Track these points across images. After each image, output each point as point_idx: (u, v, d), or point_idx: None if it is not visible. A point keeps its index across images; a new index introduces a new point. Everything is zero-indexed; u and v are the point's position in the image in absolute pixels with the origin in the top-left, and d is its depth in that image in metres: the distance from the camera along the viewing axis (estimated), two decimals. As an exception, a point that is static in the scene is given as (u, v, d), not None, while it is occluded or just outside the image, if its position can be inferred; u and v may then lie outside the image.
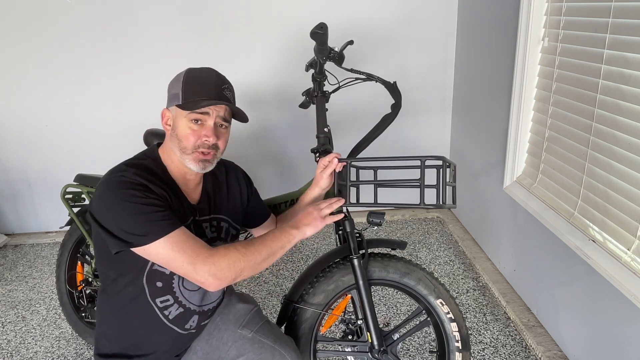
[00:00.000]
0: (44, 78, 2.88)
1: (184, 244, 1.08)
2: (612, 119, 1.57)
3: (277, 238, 1.20)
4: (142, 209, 1.07)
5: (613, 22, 1.54)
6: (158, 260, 1.10)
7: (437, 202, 1.21)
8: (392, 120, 1.55)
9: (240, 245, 1.14)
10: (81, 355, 2.05)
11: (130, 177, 1.11)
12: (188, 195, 1.26)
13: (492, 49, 2.40)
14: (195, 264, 1.08)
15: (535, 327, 2.03)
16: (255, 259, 1.14)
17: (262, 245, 1.17)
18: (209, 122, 1.19)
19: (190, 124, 1.17)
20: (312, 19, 2.59)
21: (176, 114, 1.19)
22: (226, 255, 1.10)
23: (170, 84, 1.23)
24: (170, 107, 1.21)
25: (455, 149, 3.11)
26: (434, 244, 2.85)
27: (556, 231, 1.83)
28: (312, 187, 1.40)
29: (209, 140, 1.19)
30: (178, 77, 1.22)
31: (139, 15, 2.77)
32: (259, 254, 1.15)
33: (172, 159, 1.22)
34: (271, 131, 3.05)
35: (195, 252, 1.09)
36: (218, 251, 1.11)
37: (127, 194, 1.08)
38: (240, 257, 1.11)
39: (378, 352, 1.44)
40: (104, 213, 1.09)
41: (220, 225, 1.33)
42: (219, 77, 1.23)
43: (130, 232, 1.07)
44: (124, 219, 1.07)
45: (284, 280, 2.55)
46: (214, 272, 1.08)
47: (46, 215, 3.20)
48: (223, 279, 1.09)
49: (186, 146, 1.18)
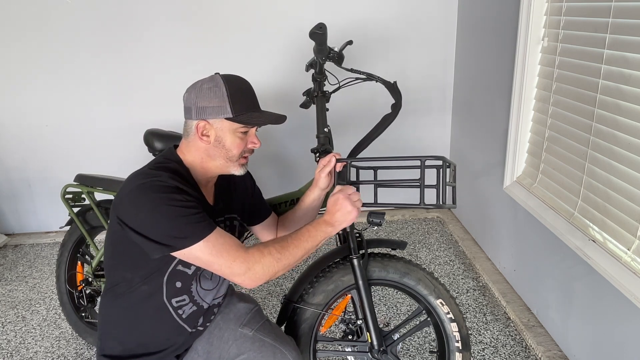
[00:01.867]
0: (44, 78, 2.88)
1: (222, 246, 1.12)
2: (612, 119, 1.57)
3: (312, 237, 1.20)
4: (182, 212, 1.09)
5: (613, 22, 1.53)
6: (198, 262, 1.13)
7: (437, 202, 1.21)
8: (392, 120, 1.55)
9: (275, 249, 1.15)
10: (81, 355, 2.05)
11: (167, 181, 1.12)
12: (207, 197, 1.28)
13: (492, 49, 2.40)
14: (233, 267, 1.12)
15: (535, 327, 2.03)
16: (289, 262, 1.17)
17: (297, 247, 1.18)
18: (252, 130, 1.25)
19: (240, 135, 1.22)
20: (312, 19, 2.58)
21: (222, 126, 1.19)
22: (261, 260, 1.13)
23: (203, 94, 1.18)
24: (212, 119, 1.19)
25: (455, 149, 3.11)
26: (434, 244, 2.85)
27: (556, 231, 1.83)
28: (312, 188, 1.40)
29: (257, 146, 1.27)
30: (215, 88, 1.18)
31: (139, 16, 2.77)
32: (293, 257, 1.17)
33: (206, 165, 1.23)
34: (271, 131, 3.05)
35: (232, 255, 1.12)
36: (253, 255, 1.13)
37: (167, 197, 1.09)
38: (274, 263, 1.14)
39: (378, 352, 1.44)
40: (143, 218, 1.09)
41: (234, 224, 1.36)
42: (250, 85, 1.27)
43: (173, 236, 1.09)
44: (166, 223, 1.08)
45: (284, 280, 2.55)
46: (249, 276, 1.13)
47: (46, 215, 3.20)
48: (258, 281, 1.14)
49: (235, 154, 1.22)
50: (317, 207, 1.43)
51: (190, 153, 1.23)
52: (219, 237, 1.12)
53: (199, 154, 1.22)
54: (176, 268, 1.19)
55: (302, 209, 1.43)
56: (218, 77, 1.20)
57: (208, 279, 1.28)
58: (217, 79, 1.20)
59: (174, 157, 1.24)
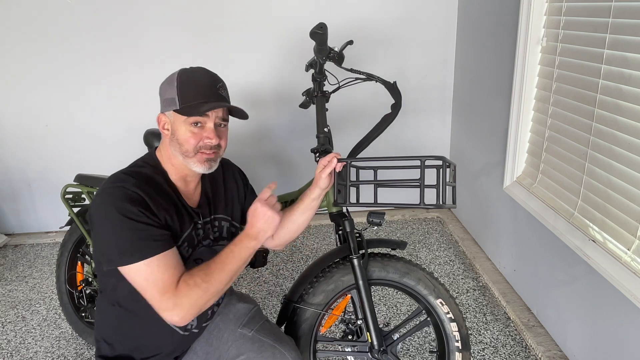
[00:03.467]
0: (44, 78, 2.88)
1: (160, 274, 1.07)
2: (612, 119, 1.57)
3: (235, 256, 1.14)
4: (132, 225, 1.06)
5: (613, 22, 1.53)
6: (134, 284, 1.09)
7: (437, 202, 1.21)
8: (392, 120, 1.55)
9: (200, 279, 1.09)
10: (81, 355, 2.05)
11: (129, 189, 1.09)
12: (188, 199, 1.25)
13: (492, 49, 2.40)
14: (161, 301, 1.07)
15: (535, 327, 2.03)
16: (217, 288, 1.11)
17: (222, 271, 1.12)
18: (209, 124, 1.18)
19: (191, 128, 1.16)
20: (312, 19, 2.59)
21: (174, 118, 1.17)
22: (188, 293, 1.08)
23: (163, 87, 1.20)
24: (167, 111, 1.19)
25: (455, 149, 3.11)
26: (434, 244, 2.85)
27: (556, 231, 1.83)
28: (312, 187, 1.39)
29: (212, 141, 1.18)
30: (171, 80, 1.19)
31: (139, 15, 2.77)
32: (220, 283, 1.12)
33: (173, 162, 1.21)
34: (271, 131, 3.05)
35: (164, 288, 1.07)
36: (181, 289, 1.08)
37: (122, 207, 1.07)
38: (202, 294, 1.09)
39: (378, 352, 1.44)
40: (96, 224, 1.09)
41: (221, 225, 1.33)
42: (212, 76, 1.21)
43: (116, 248, 1.07)
44: (112, 233, 1.07)
45: (284, 280, 2.55)
46: (177, 312, 1.08)
47: (46, 215, 3.20)
48: (187, 317, 1.09)
49: (188, 149, 1.17)
50: (316, 206, 1.42)
51: (164, 150, 1.22)
52: (161, 263, 1.08)
53: (167, 150, 1.21)
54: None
55: (301, 208, 1.41)
56: (178, 70, 1.20)
57: None
58: (177, 71, 1.19)
59: (152, 160, 1.22)
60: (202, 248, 1.26)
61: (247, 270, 2.63)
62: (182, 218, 1.20)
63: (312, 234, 3.05)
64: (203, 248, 1.26)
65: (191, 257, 1.23)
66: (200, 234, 1.25)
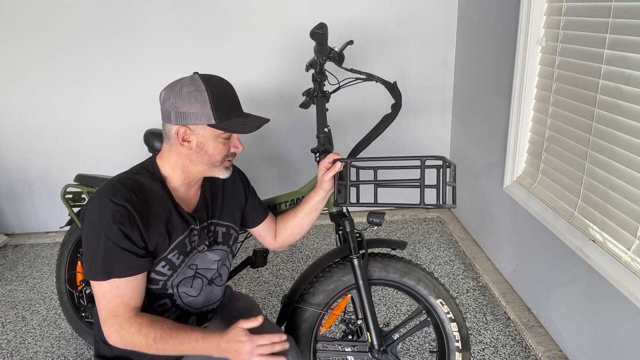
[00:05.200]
0: (45, 78, 2.88)
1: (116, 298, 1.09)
2: (612, 119, 1.57)
3: (196, 348, 1.11)
4: (106, 242, 1.08)
5: (613, 22, 1.54)
6: (93, 293, 1.12)
7: (437, 202, 1.21)
8: (392, 120, 1.55)
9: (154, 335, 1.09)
10: (81, 355, 2.05)
11: (118, 203, 1.09)
12: (186, 204, 1.24)
13: (492, 49, 2.40)
14: (108, 321, 1.09)
15: (535, 327, 2.03)
16: (158, 352, 1.11)
17: (174, 347, 1.11)
18: (235, 134, 1.20)
19: (223, 140, 1.17)
20: (312, 19, 2.59)
21: (205, 132, 1.14)
22: (134, 336, 1.09)
23: (183, 98, 1.12)
24: (192, 124, 1.13)
25: (455, 149, 3.11)
26: (434, 244, 2.85)
27: (556, 231, 1.83)
28: (316, 191, 1.38)
29: (239, 150, 1.22)
30: (196, 93, 1.11)
31: (140, 16, 2.77)
32: (164, 352, 1.11)
33: (185, 170, 1.20)
34: (271, 131, 3.05)
35: (117, 311, 1.09)
36: (133, 326, 1.09)
37: (104, 220, 1.08)
38: (144, 346, 1.09)
39: (378, 352, 1.44)
40: (83, 229, 1.12)
41: (216, 230, 1.32)
42: (230, 84, 1.20)
43: (90, 260, 1.09)
44: (89, 243, 1.10)
45: (284, 280, 2.55)
46: (115, 338, 1.10)
47: (46, 215, 3.20)
48: (120, 345, 1.10)
49: (218, 160, 1.18)
50: (320, 209, 1.42)
51: (172, 158, 1.19)
52: (122, 286, 1.09)
53: (181, 159, 1.19)
54: (150, 276, 1.18)
55: (306, 211, 1.41)
56: (199, 80, 1.13)
57: (188, 286, 1.25)
58: (198, 81, 1.12)
59: (150, 166, 1.21)
60: (197, 254, 1.26)
61: (247, 270, 2.63)
62: (174, 225, 1.19)
63: (312, 234, 3.05)
64: (198, 254, 1.26)
65: (185, 264, 1.23)
66: (196, 240, 1.25)
